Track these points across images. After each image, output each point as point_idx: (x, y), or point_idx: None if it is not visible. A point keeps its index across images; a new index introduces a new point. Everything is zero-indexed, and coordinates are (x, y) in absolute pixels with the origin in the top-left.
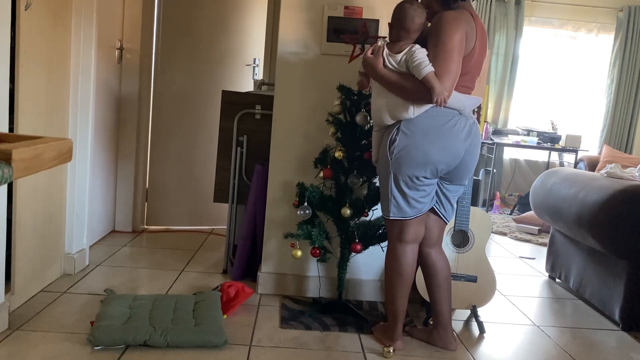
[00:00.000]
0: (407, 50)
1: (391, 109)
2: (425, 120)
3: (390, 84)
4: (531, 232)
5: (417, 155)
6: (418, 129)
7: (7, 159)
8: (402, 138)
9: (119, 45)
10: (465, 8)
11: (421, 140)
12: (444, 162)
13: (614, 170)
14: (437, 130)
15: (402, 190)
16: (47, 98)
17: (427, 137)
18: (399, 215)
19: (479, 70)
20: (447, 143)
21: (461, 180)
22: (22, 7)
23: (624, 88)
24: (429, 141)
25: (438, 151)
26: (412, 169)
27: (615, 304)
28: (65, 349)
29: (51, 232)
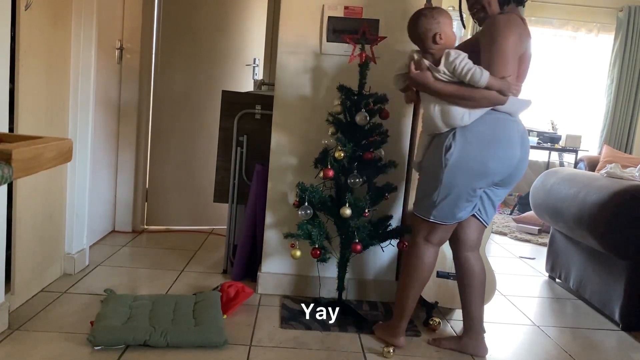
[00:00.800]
0: (445, 59)
1: (445, 117)
2: (482, 127)
3: (450, 96)
4: (531, 232)
5: (474, 166)
6: (475, 137)
7: (7, 159)
8: (458, 146)
9: (119, 45)
10: (515, 13)
11: (479, 149)
12: (501, 172)
13: (614, 170)
14: (494, 138)
15: (451, 199)
16: (47, 98)
17: (484, 146)
18: (439, 220)
19: (525, 75)
20: (504, 152)
21: (510, 185)
22: (22, 7)
23: (624, 88)
24: (487, 150)
25: (495, 162)
26: (468, 181)
27: (615, 304)
28: (65, 349)
29: (51, 232)
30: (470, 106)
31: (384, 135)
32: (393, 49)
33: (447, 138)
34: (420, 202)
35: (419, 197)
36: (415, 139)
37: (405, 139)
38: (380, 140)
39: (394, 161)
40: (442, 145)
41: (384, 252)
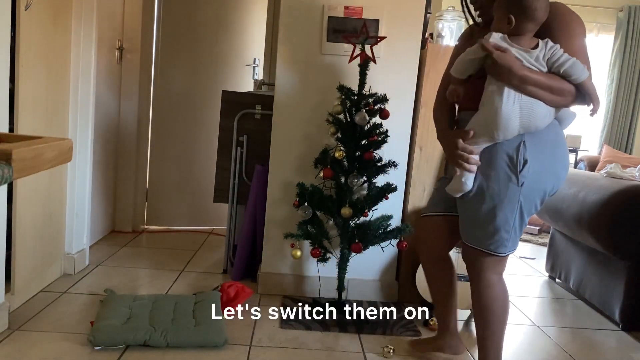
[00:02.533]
0: (544, 45)
1: (526, 115)
2: (551, 133)
3: (536, 85)
4: (531, 232)
5: (549, 179)
6: (546, 146)
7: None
8: (532, 158)
9: (119, 45)
10: None
11: (552, 159)
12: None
13: (614, 170)
14: (559, 144)
15: (523, 220)
16: (47, 98)
17: (554, 155)
18: (511, 250)
19: None
20: (568, 157)
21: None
22: (22, 7)
23: (624, 88)
24: (557, 160)
25: (564, 171)
26: (541, 196)
27: (615, 304)
28: (65, 349)
29: (51, 232)
30: (554, 103)
31: (384, 135)
32: (393, 49)
33: (513, 150)
34: (488, 234)
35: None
36: (415, 139)
37: (405, 139)
38: (380, 140)
39: (394, 161)
40: (506, 160)
41: (384, 252)
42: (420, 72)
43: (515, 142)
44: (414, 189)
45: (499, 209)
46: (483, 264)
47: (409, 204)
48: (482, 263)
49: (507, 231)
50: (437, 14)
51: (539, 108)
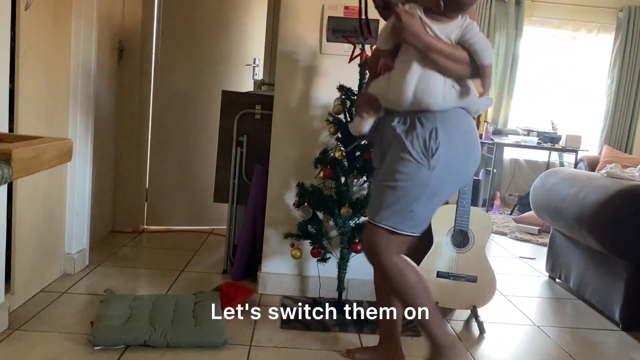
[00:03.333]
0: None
1: (421, 88)
2: (461, 125)
3: (439, 53)
4: (531, 232)
5: (459, 171)
6: (458, 138)
7: (7, 159)
8: (446, 147)
9: (119, 45)
10: None
11: (463, 151)
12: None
13: (614, 170)
14: (472, 138)
15: (431, 206)
16: (47, 98)
17: (465, 147)
18: (412, 231)
19: None
20: (477, 152)
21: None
22: (22, 7)
23: (624, 88)
24: (468, 152)
25: (473, 165)
26: (452, 187)
27: (615, 304)
28: (65, 349)
29: (51, 232)
30: (454, 71)
31: None
32: None
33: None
34: (390, 212)
35: (388, 207)
36: None
37: None
38: None
39: None
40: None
41: None
42: None
43: (429, 127)
44: None
45: (408, 188)
46: (375, 240)
47: None
48: (374, 238)
49: (405, 210)
50: None
51: (436, 85)
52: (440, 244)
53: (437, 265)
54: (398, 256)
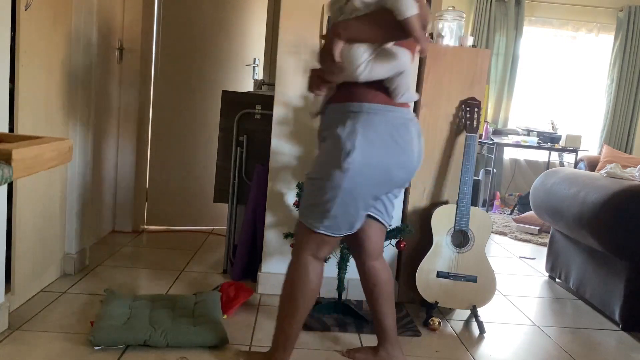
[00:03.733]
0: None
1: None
2: (384, 127)
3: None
4: (531, 232)
5: (377, 175)
6: (378, 139)
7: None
8: (361, 148)
9: (119, 45)
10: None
11: (382, 155)
12: (403, 179)
13: (614, 170)
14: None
15: (348, 209)
16: (47, 98)
17: (387, 151)
18: (329, 232)
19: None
20: (407, 158)
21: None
22: (22, 7)
23: (624, 88)
24: (390, 157)
25: (399, 171)
26: (370, 189)
27: (615, 304)
28: (65, 349)
29: (51, 232)
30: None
31: None
32: None
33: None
34: (309, 208)
35: (308, 203)
36: None
37: None
38: None
39: None
40: (340, 146)
41: (383, 252)
42: (420, 72)
43: (350, 127)
44: (414, 189)
45: (323, 187)
46: (299, 237)
47: (409, 204)
48: (298, 235)
49: (322, 209)
50: (437, 14)
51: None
52: (440, 244)
53: (437, 265)
54: (312, 257)
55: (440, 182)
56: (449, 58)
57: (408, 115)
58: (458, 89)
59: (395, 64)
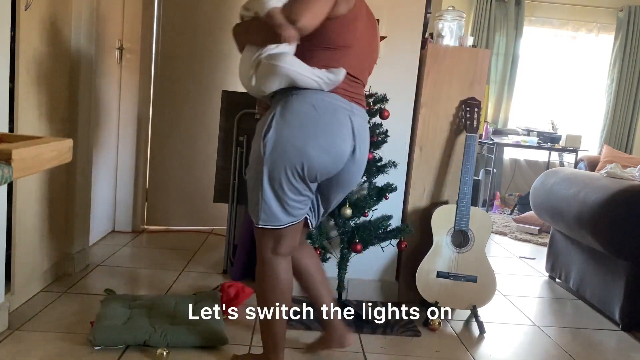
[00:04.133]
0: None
1: (240, 65)
2: (304, 107)
3: (244, 36)
4: (531, 232)
5: (291, 152)
6: (295, 119)
7: (7, 159)
8: (275, 128)
9: (119, 45)
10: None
11: (297, 132)
12: (323, 164)
13: (614, 170)
14: (316, 123)
15: (276, 193)
16: (47, 98)
17: (303, 129)
18: (269, 224)
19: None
20: (327, 140)
21: (343, 187)
22: (22, 7)
23: (624, 88)
24: (306, 135)
25: (316, 150)
26: (289, 169)
27: (615, 304)
28: (65, 349)
29: (51, 232)
30: (263, 41)
31: (384, 135)
32: (393, 49)
33: (267, 119)
34: (250, 206)
35: (249, 202)
36: (415, 139)
37: (405, 139)
38: (380, 140)
39: (394, 161)
40: (261, 130)
41: (384, 252)
42: (420, 72)
43: (270, 113)
44: (414, 189)
45: (251, 177)
46: (258, 239)
47: (409, 204)
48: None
49: (258, 201)
50: (437, 14)
51: (245, 57)
52: (440, 244)
53: (437, 265)
54: (273, 254)
55: (440, 182)
56: (449, 58)
57: (339, 101)
58: (458, 89)
59: (278, 77)
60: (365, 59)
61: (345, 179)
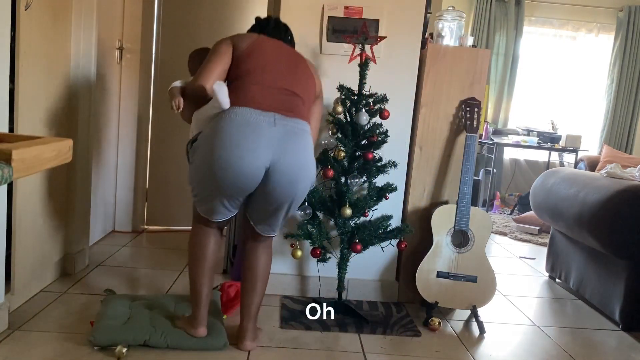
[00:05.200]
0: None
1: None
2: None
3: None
4: (531, 232)
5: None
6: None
7: (7, 159)
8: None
9: (119, 45)
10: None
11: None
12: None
13: (614, 170)
14: (216, 137)
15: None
16: (47, 98)
17: (209, 146)
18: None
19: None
20: (227, 154)
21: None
22: (22, 7)
23: (624, 88)
24: (207, 137)
25: (216, 166)
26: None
27: (615, 304)
28: (65, 349)
29: (51, 232)
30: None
31: (384, 135)
32: (393, 49)
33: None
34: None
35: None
36: (415, 139)
37: (405, 139)
38: (380, 140)
39: (394, 161)
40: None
41: (384, 252)
42: (420, 72)
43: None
44: (414, 189)
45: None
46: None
47: (409, 204)
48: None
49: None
50: (437, 14)
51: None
52: (440, 244)
53: (437, 265)
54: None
55: (440, 182)
56: (449, 58)
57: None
58: (458, 89)
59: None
60: (287, 72)
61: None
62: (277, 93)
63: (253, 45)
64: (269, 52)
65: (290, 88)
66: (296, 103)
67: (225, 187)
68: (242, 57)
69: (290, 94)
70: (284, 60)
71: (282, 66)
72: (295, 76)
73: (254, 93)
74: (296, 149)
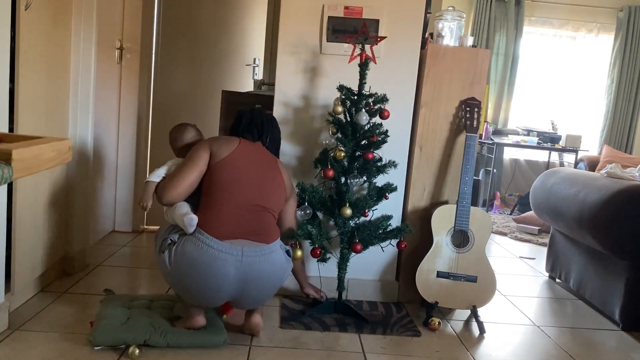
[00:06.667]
0: None
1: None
2: (187, 250)
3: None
4: (531, 232)
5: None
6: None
7: (7, 159)
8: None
9: (119, 45)
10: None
11: (185, 273)
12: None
13: (614, 170)
14: (194, 269)
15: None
16: (47, 98)
17: (188, 272)
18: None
19: (227, 181)
20: (198, 293)
21: (245, 305)
22: (22, 7)
23: (624, 88)
24: (187, 277)
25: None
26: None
27: (615, 304)
28: (65, 349)
29: (51, 232)
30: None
31: (384, 135)
32: (393, 49)
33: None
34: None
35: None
36: (415, 139)
37: (405, 139)
38: (380, 140)
39: (394, 161)
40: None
41: (384, 252)
42: (420, 72)
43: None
44: (414, 189)
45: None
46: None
47: (409, 204)
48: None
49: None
50: (437, 14)
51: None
52: (440, 244)
53: (437, 265)
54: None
55: (440, 182)
56: (449, 58)
57: (219, 250)
58: (458, 89)
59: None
60: (260, 184)
61: (242, 299)
62: (247, 213)
63: (231, 156)
64: (243, 166)
65: (262, 203)
66: (267, 221)
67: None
68: (216, 168)
69: (261, 209)
70: (258, 172)
71: (256, 178)
72: (268, 189)
73: (222, 220)
74: (262, 277)
